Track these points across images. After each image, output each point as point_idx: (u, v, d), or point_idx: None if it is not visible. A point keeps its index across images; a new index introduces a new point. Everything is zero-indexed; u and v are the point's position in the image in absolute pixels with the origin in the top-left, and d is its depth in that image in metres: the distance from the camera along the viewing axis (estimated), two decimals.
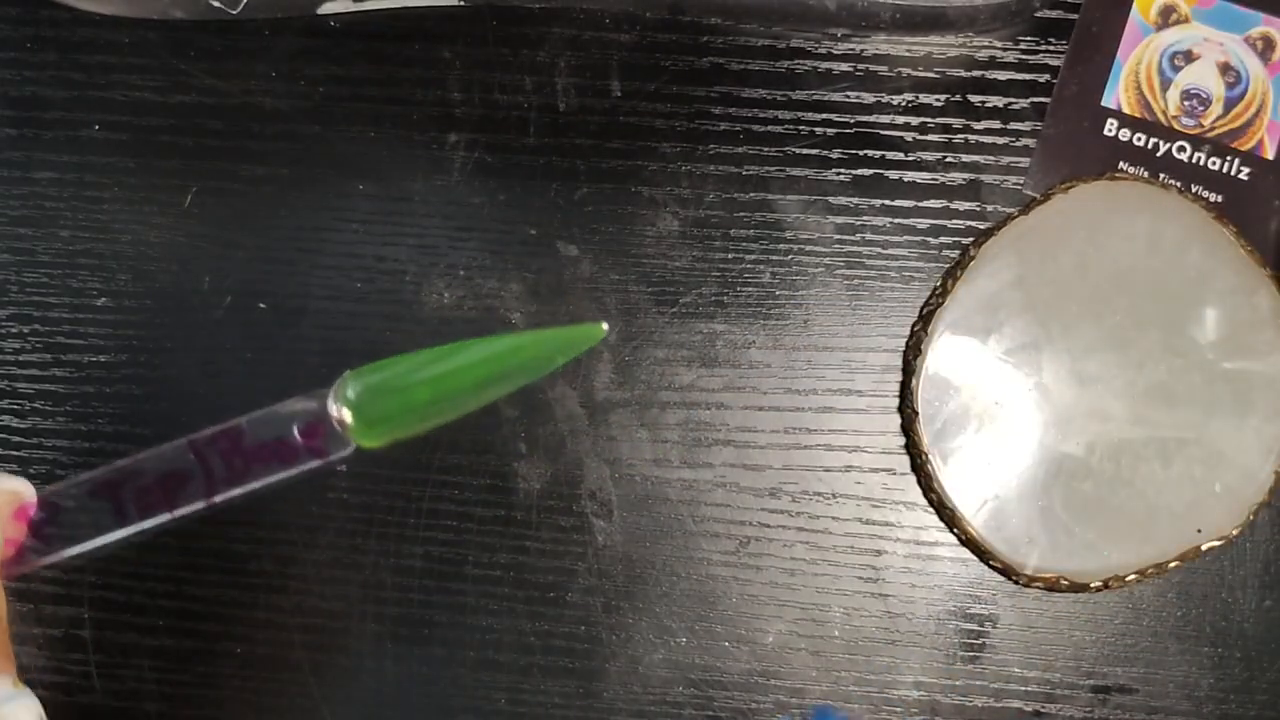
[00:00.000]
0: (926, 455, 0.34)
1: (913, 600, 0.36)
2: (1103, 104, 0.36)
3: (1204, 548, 0.33)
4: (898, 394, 0.36)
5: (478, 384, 0.27)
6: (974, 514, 0.34)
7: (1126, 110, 0.36)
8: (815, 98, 0.37)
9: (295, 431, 0.25)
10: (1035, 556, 0.33)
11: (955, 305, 0.34)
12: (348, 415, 0.26)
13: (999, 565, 0.34)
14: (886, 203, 0.36)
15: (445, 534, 0.36)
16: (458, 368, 0.27)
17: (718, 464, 0.36)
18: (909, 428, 0.34)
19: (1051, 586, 0.34)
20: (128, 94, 0.37)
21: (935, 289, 0.35)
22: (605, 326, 0.31)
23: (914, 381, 0.34)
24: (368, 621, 0.36)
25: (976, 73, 0.36)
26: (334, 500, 0.36)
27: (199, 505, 0.24)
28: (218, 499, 0.24)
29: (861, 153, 0.36)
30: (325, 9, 0.37)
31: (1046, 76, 0.36)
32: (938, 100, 0.36)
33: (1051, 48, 0.36)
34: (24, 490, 0.25)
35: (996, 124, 0.36)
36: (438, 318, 0.36)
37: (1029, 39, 0.36)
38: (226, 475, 0.24)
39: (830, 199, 0.36)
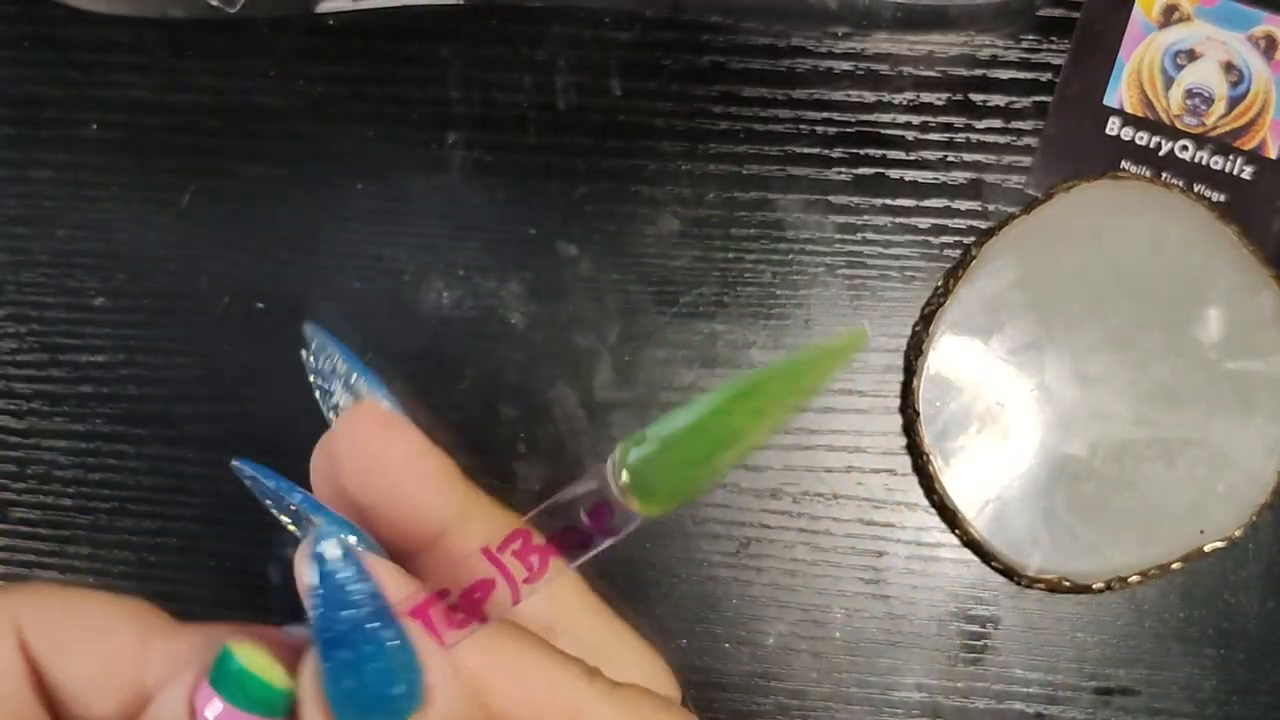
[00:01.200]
0: (928, 456, 0.34)
1: (914, 601, 0.35)
2: (1105, 103, 0.36)
3: (1207, 549, 0.33)
4: (899, 394, 0.36)
5: (751, 416, 0.24)
6: (976, 515, 0.34)
7: (1129, 109, 0.36)
8: (816, 97, 0.36)
9: (583, 516, 0.24)
10: (1037, 558, 0.33)
11: (957, 305, 0.34)
12: (629, 488, 0.23)
13: (1001, 566, 0.34)
14: (888, 202, 0.36)
15: None
16: (726, 406, 0.24)
17: None
18: (910, 428, 0.34)
19: (1054, 588, 0.34)
20: (125, 93, 0.37)
21: (937, 289, 0.35)
22: (867, 327, 0.28)
23: (915, 382, 0.34)
24: None
25: (978, 71, 0.36)
26: None
27: (507, 610, 0.23)
28: (523, 598, 0.23)
29: (863, 152, 0.36)
30: (323, 7, 0.37)
31: (1049, 75, 0.36)
32: (939, 99, 0.36)
33: (1053, 46, 0.36)
34: None
35: (998, 123, 0.36)
36: (437, 317, 0.36)
37: (1031, 37, 0.36)
38: (526, 575, 0.23)
39: (831, 198, 0.36)
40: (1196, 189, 0.35)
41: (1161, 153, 0.36)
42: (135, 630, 0.21)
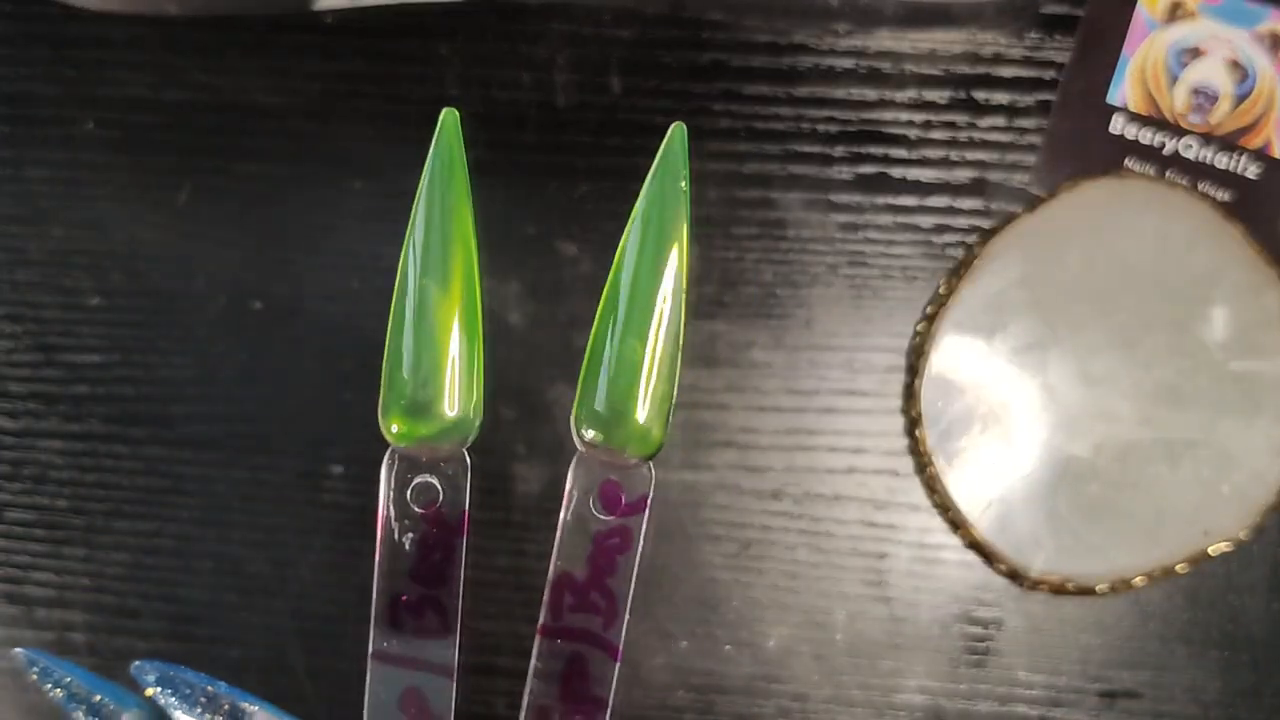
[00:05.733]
0: (931, 457, 0.34)
1: (917, 604, 0.35)
2: (1109, 101, 0.36)
3: (1212, 550, 0.33)
4: (901, 395, 0.35)
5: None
6: (979, 516, 0.33)
7: (1133, 107, 0.36)
8: (818, 94, 0.36)
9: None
10: (1041, 559, 0.33)
11: (960, 305, 0.34)
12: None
13: (1004, 568, 0.34)
14: (890, 201, 0.36)
15: None
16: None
17: (719, 465, 0.36)
18: (913, 429, 0.34)
19: (1057, 590, 0.33)
20: (121, 90, 0.37)
21: (939, 288, 0.35)
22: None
23: (918, 382, 0.34)
24: (365, 625, 0.36)
25: (981, 69, 0.36)
26: (331, 502, 0.36)
27: None
28: None
29: (865, 150, 0.36)
30: (321, 4, 0.36)
31: (1052, 73, 0.36)
32: (942, 97, 0.36)
33: (1057, 44, 0.36)
34: None
35: (1001, 121, 0.36)
36: None
37: (1034, 35, 0.36)
38: None
39: (833, 197, 0.36)
40: (1201, 187, 0.35)
41: (1166, 151, 0.35)
42: None
